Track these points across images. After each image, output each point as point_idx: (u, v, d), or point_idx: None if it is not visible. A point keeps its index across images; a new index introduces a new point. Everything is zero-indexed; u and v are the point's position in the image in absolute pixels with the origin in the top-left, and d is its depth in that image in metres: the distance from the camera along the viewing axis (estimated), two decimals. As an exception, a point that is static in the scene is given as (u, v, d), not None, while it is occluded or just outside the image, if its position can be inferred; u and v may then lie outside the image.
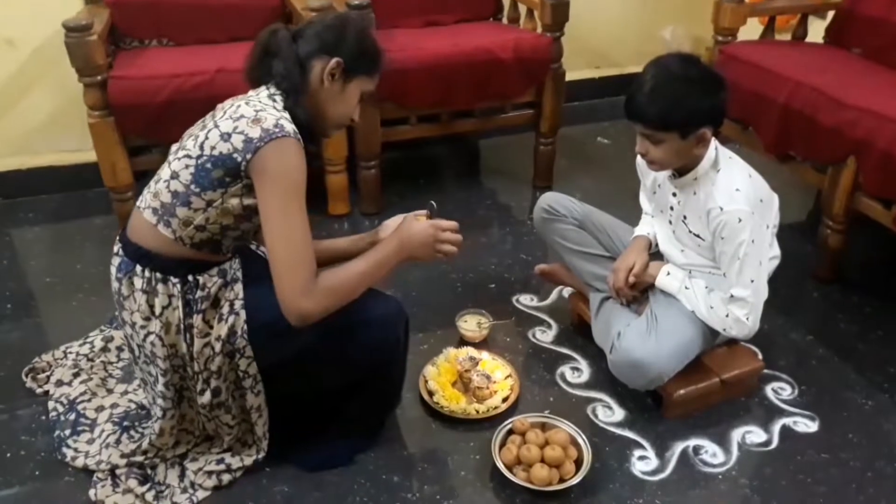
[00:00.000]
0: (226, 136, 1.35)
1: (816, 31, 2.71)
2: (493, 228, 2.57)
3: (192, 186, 1.37)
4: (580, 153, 3.14)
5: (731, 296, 1.66)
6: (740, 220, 1.60)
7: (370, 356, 1.52)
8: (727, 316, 1.67)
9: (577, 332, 2.04)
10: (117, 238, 1.50)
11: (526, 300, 2.19)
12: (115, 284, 1.46)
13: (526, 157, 2.84)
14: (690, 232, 1.74)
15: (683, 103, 1.54)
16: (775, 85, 2.24)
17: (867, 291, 2.22)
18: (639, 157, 1.81)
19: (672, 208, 1.78)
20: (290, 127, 1.36)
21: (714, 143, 1.66)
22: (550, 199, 2.00)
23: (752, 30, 2.61)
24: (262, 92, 1.44)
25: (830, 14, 2.66)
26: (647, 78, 1.56)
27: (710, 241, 1.69)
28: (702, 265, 1.77)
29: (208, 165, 1.35)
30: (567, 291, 2.16)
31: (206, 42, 2.59)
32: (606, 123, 3.42)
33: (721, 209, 1.61)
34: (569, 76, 2.72)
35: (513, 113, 2.64)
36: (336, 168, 2.50)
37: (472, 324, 2.01)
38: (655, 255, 1.88)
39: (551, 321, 2.10)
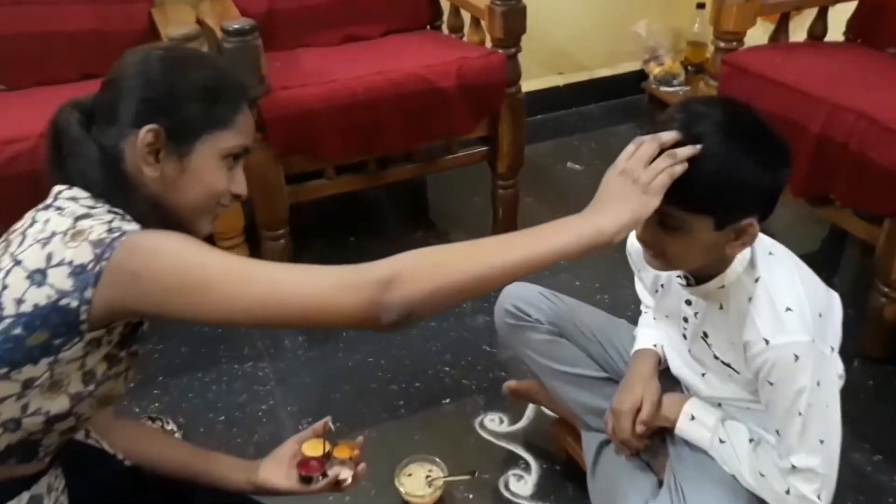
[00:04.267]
0: (37, 277, 0.81)
1: (832, 23, 2.16)
2: (445, 305, 1.98)
3: None
4: (547, 184, 2.56)
5: (793, 466, 1.10)
6: (797, 359, 1.04)
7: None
8: (787, 492, 1.12)
9: (567, 477, 1.48)
10: None
11: (493, 423, 1.62)
12: None
13: (486, 196, 2.25)
14: (717, 358, 1.19)
15: (733, 175, 0.97)
16: (805, 108, 1.68)
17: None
18: (633, 244, 1.25)
19: (686, 319, 1.22)
20: (130, 226, 0.85)
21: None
22: (515, 297, 1.42)
23: (756, 28, 2.03)
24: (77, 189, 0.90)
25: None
26: (677, 129, 0.99)
27: (749, 378, 1.14)
28: (734, 399, 1.22)
29: (18, 331, 0.81)
30: (549, 411, 1.59)
31: (50, 82, 1.95)
32: (576, 140, 2.85)
33: (767, 343, 1.06)
34: (528, 85, 2.16)
35: (462, 153, 2.06)
36: (231, 242, 1.89)
37: (417, 481, 1.43)
38: (667, 372, 1.32)
39: (529, 458, 1.54)
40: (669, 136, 0.96)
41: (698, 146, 0.95)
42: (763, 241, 1.12)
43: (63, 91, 1.83)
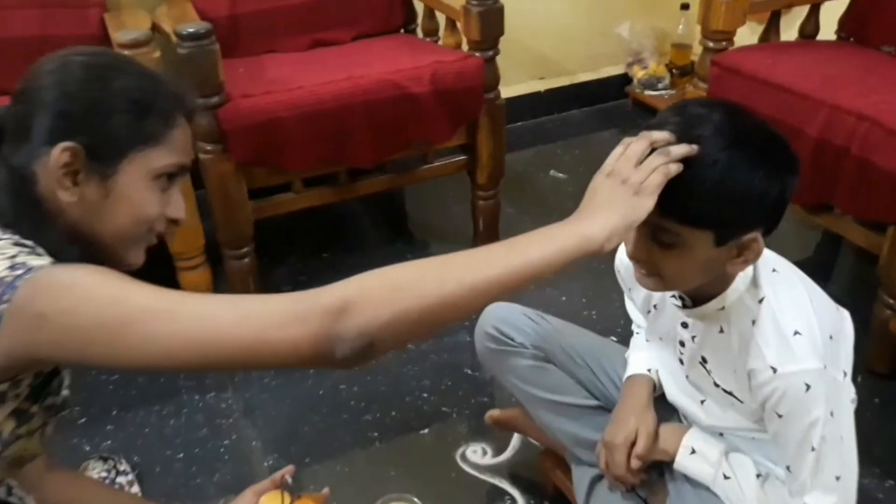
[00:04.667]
0: None
1: (824, 21, 2.06)
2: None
3: None
4: (529, 194, 2.44)
5: (805, 505, 0.99)
6: (808, 388, 0.93)
7: None
8: (802, 533, 1.01)
9: (555, 513, 1.36)
10: None
11: (475, 455, 1.50)
12: None
13: (466, 207, 2.13)
14: (717, 385, 1.07)
15: (737, 185, 0.86)
16: (802, 111, 1.58)
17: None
18: (622, 260, 1.14)
19: (682, 343, 1.10)
20: (37, 261, 0.71)
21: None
22: (496, 318, 1.30)
23: (744, 28, 1.93)
24: None
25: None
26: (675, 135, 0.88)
27: (754, 408, 1.03)
28: (738, 428, 1.10)
29: None
30: (536, 441, 1.46)
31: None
32: (558, 147, 2.74)
33: (774, 371, 0.95)
34: (507, 92, 2.08)
35: (438, 162, 1.93)
36: (191, 263, 1.75)
37: (394, 524, 1.31)
38: (662, 399, 1.21)
39: (515, 493, 1.41)
40: (661, 134, 0.85)
41: (695, 146, 0.84)
42: (765, 257, 1.01)
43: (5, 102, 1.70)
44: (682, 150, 0.83)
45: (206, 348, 0.66)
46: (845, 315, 1.06)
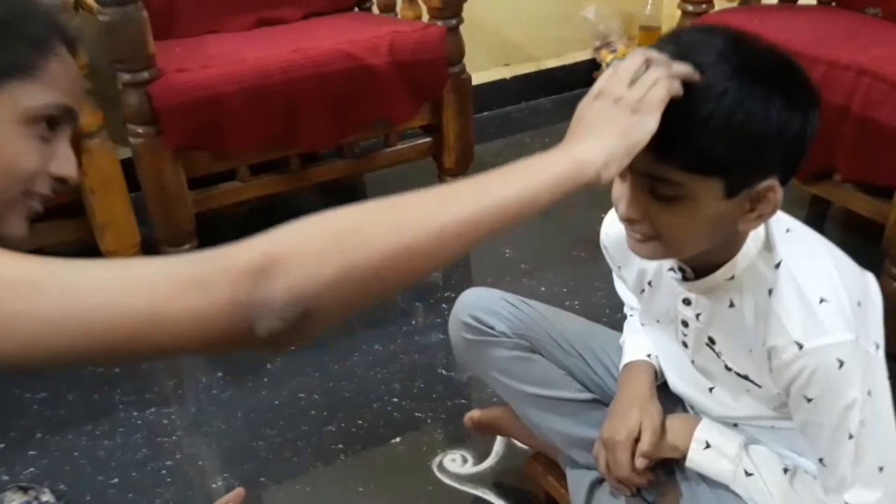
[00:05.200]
0: None
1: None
2: (393, 325, 1.67)
3: None
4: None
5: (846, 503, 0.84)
6: (842, 365, 0.79)
7: None
8: (839, 536, 0.86)
9: (549, 526, 1.19)
10: None
11: (454, 464, 1.32)
12: None
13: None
14: (729, 369, 0.92)
15: (751, 120, 0.71)
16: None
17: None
18: (608, 233, 0.99)
19: (685, 324, 0.95)
20: None
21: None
22: (473, 305, 1.13)
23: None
24: None
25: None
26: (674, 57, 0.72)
27: (775, 392, 0.88)
28: (754, 417, 0.95)
29: None
30: (523, 444, 1.29)
31: None
32: (527, 137, 2.59)
33: (800, 347, 0.79)
34: (473, 79, 1.91)
35: (401, 145, 1.77)
36: (127, 264, 1.56)
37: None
38: (665, 389, 1.06)
39: (501, 504, 1.24)
40: (658, 54, 0.70)
41: (697, 74, 0.69)
42: (777, 216, 0.86)
43: None
44: (684, 69, 0.68)
45: (85, 328, 0.48)
46: (871, 279, 0.92)
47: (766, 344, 0.83)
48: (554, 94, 2.84)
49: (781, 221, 0.87)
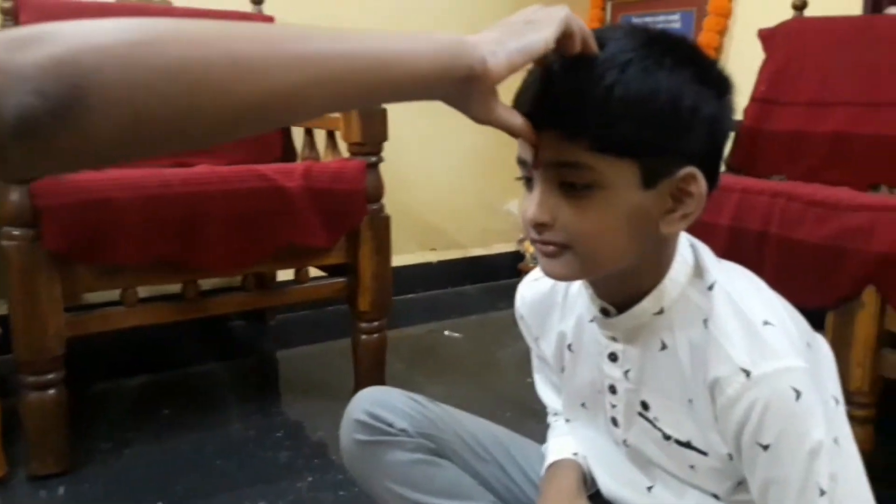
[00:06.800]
0: None
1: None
2: (284, 481, 1.42)
3: None
4: (422, 352, 2.15)
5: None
6: (799, 396, 0.65)
7: None
8: None
9: None
10: None
11: None
12: None
13: (345, 356, 1.80)
14: (668, 439, 0.76)
15: (663, 88, 0.64)
16: (714, 201, 1.45)
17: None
18: (522, 297, 0.91)
19: (613, 390, 0.80)
20: None
21: (685, 236, 0.75)
22: (370, 401, 0.96)
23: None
24: None
25: None
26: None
27: (723, 454, 0.72)
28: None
29: None
30: None
31: None
32: (457, 319, 2.50)
33: (747, 375, 0.66)
34: (398, 261, 1.92)
35: (312, 283, 1.65)
36: (-29, 390, 1.32)
37: None
38: (596, 499, 0.87)
39: None
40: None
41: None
42: (703, 246, 0.78)
43: None
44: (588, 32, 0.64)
45: None
46: (822, 339, 0.81)
47: (707, 379, 0.69)
48: (479, 281, 2.82)
49: (709, 251, 0.78)
